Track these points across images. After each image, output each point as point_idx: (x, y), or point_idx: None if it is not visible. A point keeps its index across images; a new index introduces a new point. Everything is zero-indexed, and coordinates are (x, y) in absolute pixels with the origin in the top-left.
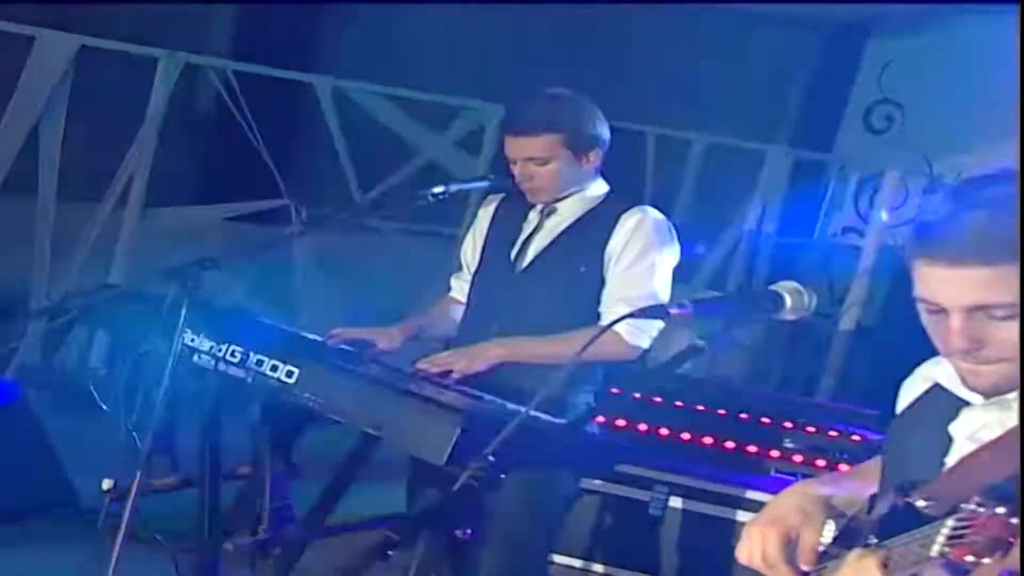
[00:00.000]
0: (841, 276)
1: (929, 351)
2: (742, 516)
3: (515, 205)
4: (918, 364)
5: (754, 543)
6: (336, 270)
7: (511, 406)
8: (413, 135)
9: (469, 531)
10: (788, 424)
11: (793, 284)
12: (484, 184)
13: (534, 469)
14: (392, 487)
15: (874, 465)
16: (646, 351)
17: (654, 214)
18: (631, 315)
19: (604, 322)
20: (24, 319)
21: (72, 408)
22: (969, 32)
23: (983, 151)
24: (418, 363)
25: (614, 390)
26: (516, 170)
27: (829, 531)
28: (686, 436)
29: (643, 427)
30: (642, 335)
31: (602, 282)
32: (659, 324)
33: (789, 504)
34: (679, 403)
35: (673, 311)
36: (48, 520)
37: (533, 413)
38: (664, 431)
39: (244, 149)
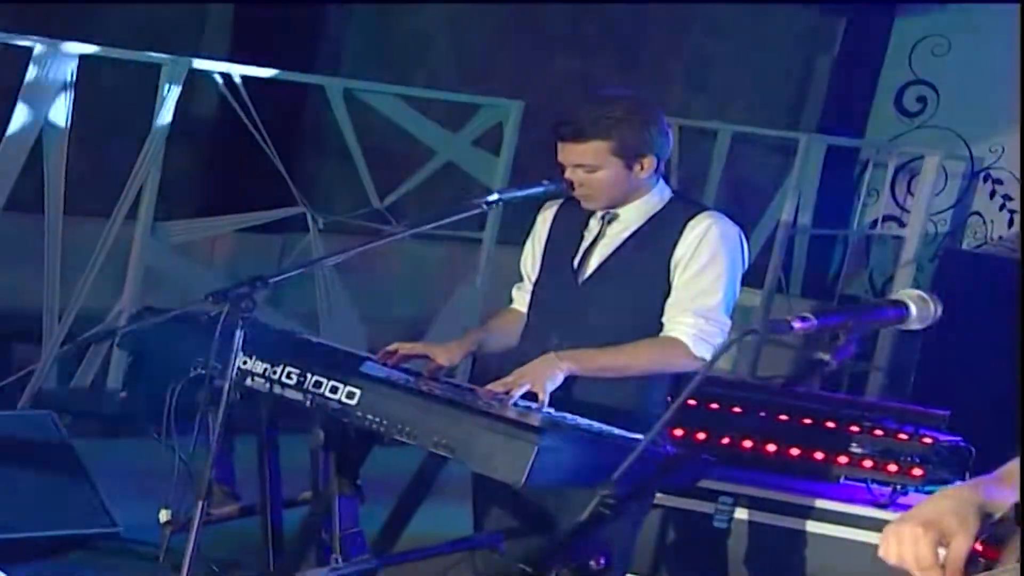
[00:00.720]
0: (881, 267)
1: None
2: (812, 527)
3: (574, 211)
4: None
5: (905, 544)
6: (355, 276)
7: (583, 422)
8: (428, 136)
9: (603, 561)
10: (854, 428)
11: (917, 292)
12: (539, 190)
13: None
14: (454, 506)
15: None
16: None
17: (722, 220)
18: (753, 331)
19: (668, 332)
20: (74, 346)
21: (92, 433)
22: (999, 8)
23: (1018, 132)
24: (488, 387)
25: (667, 398)
26: (567, 176)
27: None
28: (748, 444)
29: (702, 436)
30: (707, 346)
31: (668, 291)
32: (723, 336)
33: (945, 507)
34: (738, 409)
35: (797, 325)
36: (90, 552)
37: (617, 432)
38: (725, 440)
39: (253, 156)
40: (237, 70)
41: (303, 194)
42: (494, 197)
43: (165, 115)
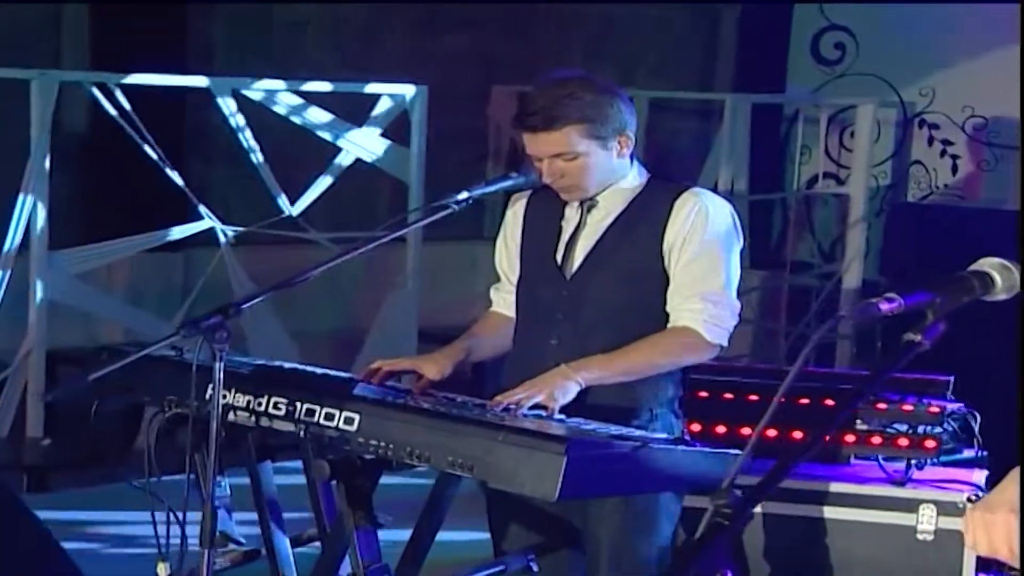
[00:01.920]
0: (826, 228)
1: None
2: (830, 512)
3: (547, 202)
4: None
5: (997, 533)
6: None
7: (599, 426)
8: (332, 132)
9: (728, 573)
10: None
11: (998, 260)
12: (509, 183)
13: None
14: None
15: None
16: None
17: (710, 196)
18: (841, 318)
19: (676, 321)
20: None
21: (18, 487)
22: None
23: (948, 73)
24: (495, 399)
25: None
26: (543, 168)
27: None
28: (747, 431)
29: (696, 427)
30: (723, 332)
31: (664, 277)
32: (734, 318)
33: None
34: (729, 395)
35: (884, 307)
36: None
37: (639, 434)
38: (721, 428)
39: (137, 171)
40: (114, 80)
41: (213, 205)
42: (464, 196)
43: (43, 135)
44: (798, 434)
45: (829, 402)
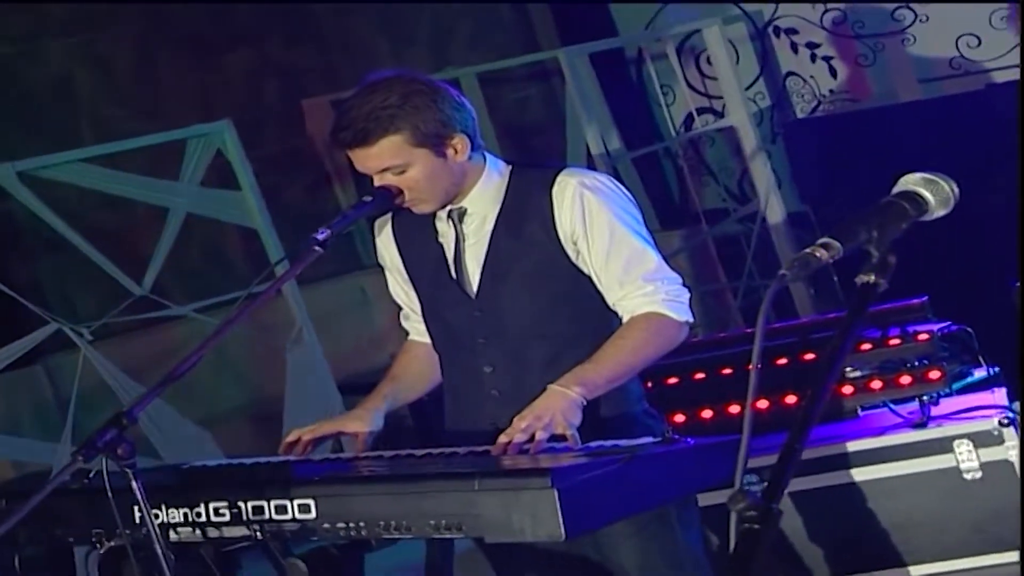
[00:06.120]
0: (724, 167)
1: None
2: (861, 474)
3: (412, 220)
4: None
5: None
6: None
7: (592, 445)
8: (151, 194)
9: None
10: None
11: (918, 175)
12: (367, 208)
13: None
14: None
15: None
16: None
17: (585, 175)
18: (783, 276)
19: (636, 311)
20: None
21: None
22: None
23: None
24: (501, 439)
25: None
26: (380, 184)
27: None
28: (735, 409)
29: (680, 417)
30: (685, 307)
31: (576, 271)
32: (682, 288)
33: None
34: (700, 375)
35: (822, 254)
36: None
37: (626, 444)
38: (707, 413)
39: None
40: None
41: (55, 305)
42: (325, 235)
43: None
44: (791, 399)
45: (810, 356)
